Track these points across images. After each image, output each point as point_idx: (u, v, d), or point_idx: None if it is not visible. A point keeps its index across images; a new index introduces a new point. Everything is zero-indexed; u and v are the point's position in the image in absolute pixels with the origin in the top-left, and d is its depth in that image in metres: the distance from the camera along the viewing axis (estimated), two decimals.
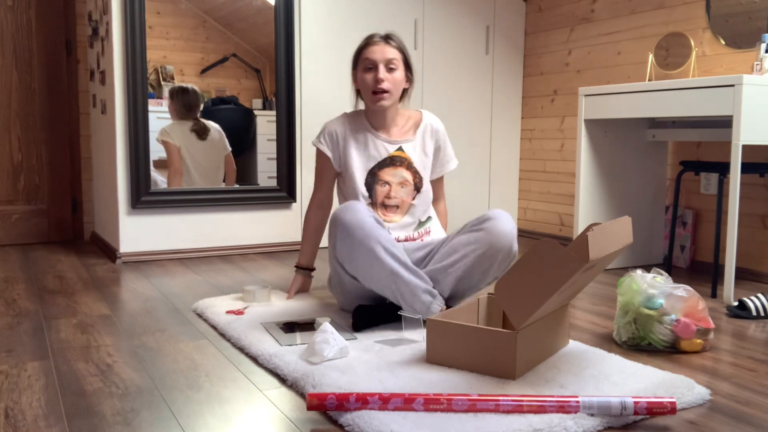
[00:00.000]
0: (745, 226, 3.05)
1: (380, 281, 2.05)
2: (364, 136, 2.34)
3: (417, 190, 2.33)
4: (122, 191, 3.25)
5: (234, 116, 3.52)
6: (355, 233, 2.02)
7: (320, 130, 2.40)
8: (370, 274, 2.05)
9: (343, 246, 2.05)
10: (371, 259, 2.02)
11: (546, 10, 4.09)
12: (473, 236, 2.12)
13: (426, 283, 2.08)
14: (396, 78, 2.28)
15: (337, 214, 2.07)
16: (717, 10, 3.10)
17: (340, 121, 2.39)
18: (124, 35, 3.17)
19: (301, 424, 1.43)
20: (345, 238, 2.03)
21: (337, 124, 2.38)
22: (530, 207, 4.30)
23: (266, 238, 3.61)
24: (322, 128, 2.40)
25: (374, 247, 2.02)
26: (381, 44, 2.28)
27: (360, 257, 2.03)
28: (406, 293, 2.05)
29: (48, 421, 1.43)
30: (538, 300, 1.60)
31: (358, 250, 2.03)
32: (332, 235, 2.10)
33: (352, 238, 2.02)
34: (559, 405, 1.43)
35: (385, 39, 2.30)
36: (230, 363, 1.82)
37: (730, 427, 1.44)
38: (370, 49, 2.28)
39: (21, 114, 3.79)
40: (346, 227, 2.03)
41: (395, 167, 2.32)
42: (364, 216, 2.05)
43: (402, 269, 2.05)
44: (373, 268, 2.03)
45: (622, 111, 2.91)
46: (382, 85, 2.24)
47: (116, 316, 2.29)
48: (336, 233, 2.06)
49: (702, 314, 1.95)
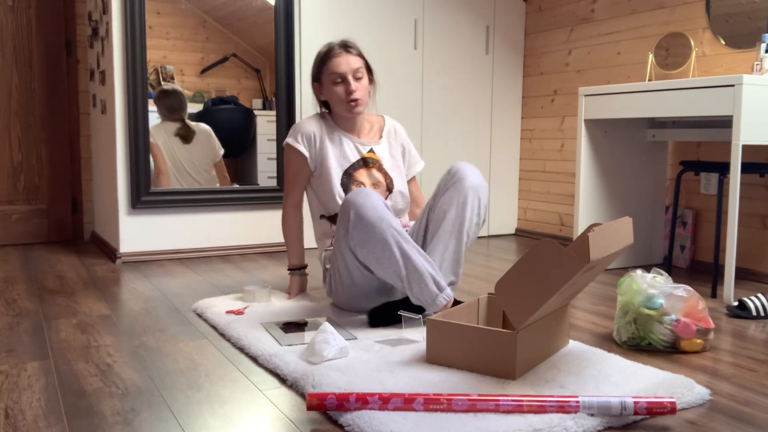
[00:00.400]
0: (745, 226, 3.05)
1: (392, 265, 2.05)
2: (339, 138, 2.40)
3: (389, 191, 2.40)
4: (122, 191, 3.25)
5: (234, 116, 3.52)
6: (370, 214, 2.04)
7: (293, 130, 2.41)
8: (382, 258, 2.05)
9: (357, 230, 2.05)
10: (385, 241, 2.04)
11: (546, 10, 4.09)
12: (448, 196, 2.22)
13: (434, 269, 2.08)
14: (364, 85, 2.36)
15: (352, 198, 2.08)
16: (717, 10, 3.10)
17: (315, 122, 2.41)
18: (124, 35, 3.17)
19: (301, 424, 1.43)
20: (359, 221, 2.05)
21: (313, 125, 2.40)
22: (530, 207, 4.30)
23: (266, 238, 3.61)
24: (296, 129, 2.41)
25: (388, 229, 2.05)
26: (344, 55, 2.32)
27: (374, 240, 2.04)
28: (413, 280, 2.05)
29: (48, 421, 1.43)
30: (538, 300, 1.60)
31: (373, 232, 2.04)
32: (343, 223, 2.10)
33: (367, 219, 2.04)
34: (559, 405, 1.43)
35: (346, 49, 2.34)
36: (230, 363, 1.82)
37: (730, 427, 1.44)
38: (335, 62, 2.31)
39: (21, 114, 3.79)
40: (360, 209, 2.05)
41: (368, 169, 2.40)
42: (378, 199, 2.09)
43: (413, 252, 2.06)
44: (386, 252, 2.04)
45: (622, 111, 2.91)
46: (355, 95, 2.31)
47: (116, 316, 2.29)
48: (349, 218, 2.07)
49: (702, 314, 1.95)
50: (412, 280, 2.05)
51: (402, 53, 3.85)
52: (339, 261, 2.19)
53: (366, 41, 3.74)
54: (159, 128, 3.31)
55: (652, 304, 1.93)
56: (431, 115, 3.98)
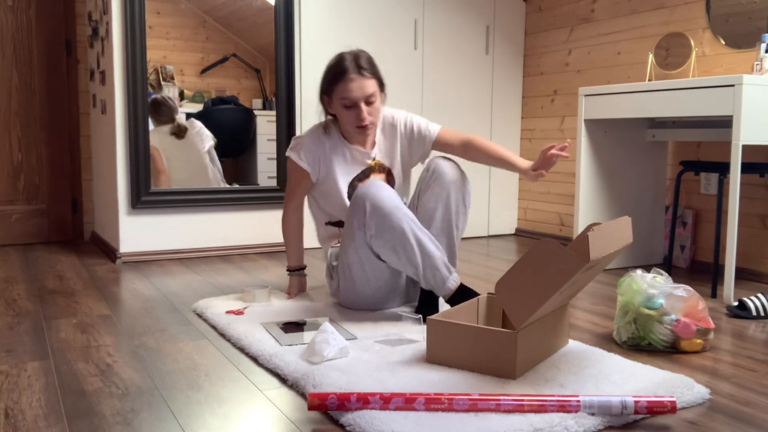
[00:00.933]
0: (745, 226, 3.05)
1: (407, 252, 2.11)
2: (343, 150, 2.38)
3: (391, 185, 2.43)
4: (122, 191, 3.25)
5: (234, 116, 3.52)
6: (387, 204, 2.10)
7: (295, 143, 2.37)
8: (398, 246, 2.11)
9: (374, 219, 2.10)
10: (402, 229, 2.09)
11: (546, 10, 4.09)
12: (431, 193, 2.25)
13: (443, 254, 2.16)
14: (376, 108, 2.29)
15: (365, 191, 2.13)
16: (717, 10, 3.10)
17: (318, 138, 2.36)
18: (124, 35, 3.17)
19: (301, 424, 1.43)
20: (376, 211, 2.10)
21: (316, 141, 2.35)
22: (530, 207, 4.30)
23: (266, 238, 3.61)
24: (299, 144, 2.36)
25: (404, 217, 2.10)
26: (357, 80, 2.22)
27: (391, 228, 2.09)
28: (427, 266, 2.12)
29: (48, 421, 1.43)
30: (538, 300, 1.60)
31: (390, 221, 2.09)
32: (357, 216, 2.14)
33: (384, 209, 2.09)
34: (559, 404, 1.43)
35: (359, 71, 2.23)
36: (230, 363, 1.82)
37: (730, 427, 1.44)
38: (347, 87, 2.22)
39: (21, 114, 3.79)
40: (376, 200, 2.10)
41: (373, 174, 2.41)
42: (390, 189, 2.15)
43: (426, 239, 2.13)
44: (402, 239, 2.10)
45: (622, 111, 2.91)
46: (366, 121, 2.26)
47: (116, 316, 2.29)
48: (365, 209, 2.11)
49: (702, 314, 1.95)
50: (426, 266, 2.13)
51: (402, 53, 3.85)
52: (350, 255, 2.21)
53: (366, 41, 3.74)
54: (154, 132, 3.32)
55: (652, 304, 1.93)
56: (431, 115, 3.98)
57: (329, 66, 2.29)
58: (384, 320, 2.19)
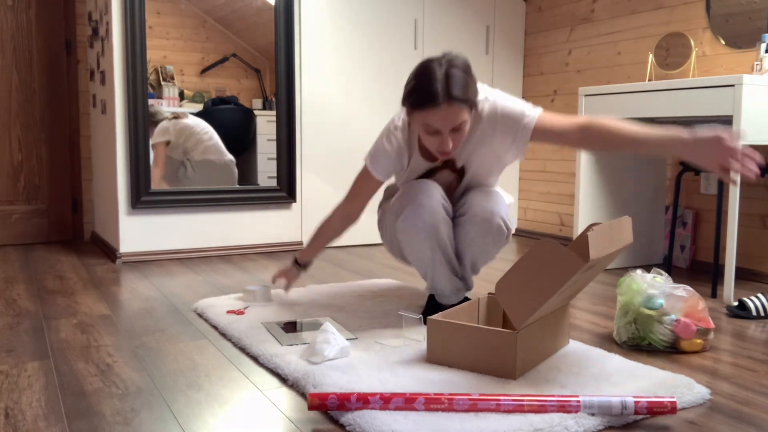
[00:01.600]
0: (745, 226, 3.05)
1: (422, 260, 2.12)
2: (418, 162, 2.15)
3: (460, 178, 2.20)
4: (122, 191, 3.25)
5: (234, 116, 3.52)
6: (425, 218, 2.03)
7: (376, 154, 2.14)
8: (415, 251, 2.11)
9: (405, 223, 2.07)
10: (424, 244, 2.07)
11: (546, 10, 4.09)
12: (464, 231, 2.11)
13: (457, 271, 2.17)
14: (463, 134, 1.93)
15: (412, 195, 2.06)
16: (717, 10, 3.10)
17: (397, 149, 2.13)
18: (124, 35, 3.17)
19: (301, 424, 1.43)
20: (408, 220, 2.05)
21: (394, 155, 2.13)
22: (530, 207, 4.30)
23: (266, 238, 3.61)
24: (378, 154, 2.14)
25: (434, 236, 2.06)
26: (445, 110, 1.84)
27: (416, 239, 2.07)
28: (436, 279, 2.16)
29: (48, 421, 1.43)
30: (538, 300, 1.60)
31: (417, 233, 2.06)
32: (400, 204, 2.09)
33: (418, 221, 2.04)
34: (559, 404, 1.43)
35: (449, 99, 1.83)
36: (230, 363, 1.82)
37: (730, 427, 1.44)
38: (431, 114, 1.86)
39: (21, 114, 3.79)
40: (418, 209, 2.04)
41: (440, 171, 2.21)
42: (437, 203, 2.05)
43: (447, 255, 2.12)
44: (421, 252, 2.10)
45: (622, 111, 2.91)
46: (447, 148, 1.93)
47: (116, 316, 2.29)
48: (404, 207, 2.07)
49: (702, 314, 1.95)
50: (435, 279, 2.15)
51: (402, 53, 3.85)
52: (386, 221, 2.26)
53: (366, 41, 3.74)
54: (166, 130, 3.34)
55: (652, 304, 1.93)
56: None
57: (414, 81, 1.91)
58: (384, 320, 2.19)
